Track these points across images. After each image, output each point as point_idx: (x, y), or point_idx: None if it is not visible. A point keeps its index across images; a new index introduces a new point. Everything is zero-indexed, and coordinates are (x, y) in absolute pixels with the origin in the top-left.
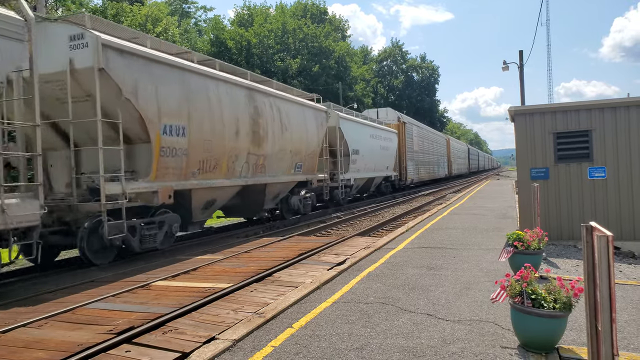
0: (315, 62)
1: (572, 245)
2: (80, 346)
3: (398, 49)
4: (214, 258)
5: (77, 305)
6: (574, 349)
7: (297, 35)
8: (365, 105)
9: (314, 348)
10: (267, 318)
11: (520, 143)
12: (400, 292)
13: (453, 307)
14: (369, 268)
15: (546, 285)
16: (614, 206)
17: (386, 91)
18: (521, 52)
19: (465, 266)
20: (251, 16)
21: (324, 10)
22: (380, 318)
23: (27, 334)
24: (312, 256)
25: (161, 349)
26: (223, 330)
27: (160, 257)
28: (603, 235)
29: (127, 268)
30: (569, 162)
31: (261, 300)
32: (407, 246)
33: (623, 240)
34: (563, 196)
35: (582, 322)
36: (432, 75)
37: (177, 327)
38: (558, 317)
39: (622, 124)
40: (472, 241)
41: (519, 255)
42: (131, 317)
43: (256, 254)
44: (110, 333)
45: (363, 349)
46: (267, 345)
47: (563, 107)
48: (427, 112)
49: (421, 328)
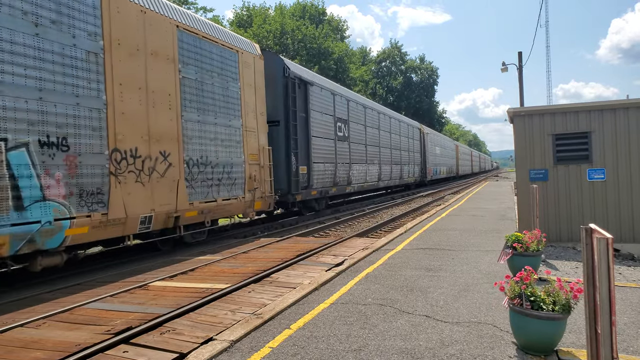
0: (314, 63)
1: (571, 247)
2: (78, 346)
3: (397, 50)
4: (212, 258)
5: (75, 305)
6: (573, 352)
7: (296, 36)
8: None
9: (312, 349)
10: (265, 319)
11: (519, 144)
12: (398, 293)
13: (451, 309)
14: (368, 269)
15: (545, 287)
16: (613, 208)
17: (385, 92)
18: (520, 53)
19: (463, 268)
20: (250, 17)
21: (322, 11)
22: (379, 319)
23: (25, 333)
24: (310, 257)
25: (159, 350)
26: (221, 331)
27: (158, 258)
28: (603, 237)
29: (125, 268)
30: (568, 164)
31: (259, 301)
32: (405, 247)
33: (622, 243)
34: (562, 198)
35: (581, 325)
36: (431, 76)
37: (175, 327)
38: (557, 319)
39: (621, 125)
40: (471, 242)
41: (518, 257)
42: (129, 318)
43: (254, 255)
44: (108, 333)
45: (361, 350)
46: (264, 347)
47: (562, 109)
48: (426, 113)
49: (419, 330)
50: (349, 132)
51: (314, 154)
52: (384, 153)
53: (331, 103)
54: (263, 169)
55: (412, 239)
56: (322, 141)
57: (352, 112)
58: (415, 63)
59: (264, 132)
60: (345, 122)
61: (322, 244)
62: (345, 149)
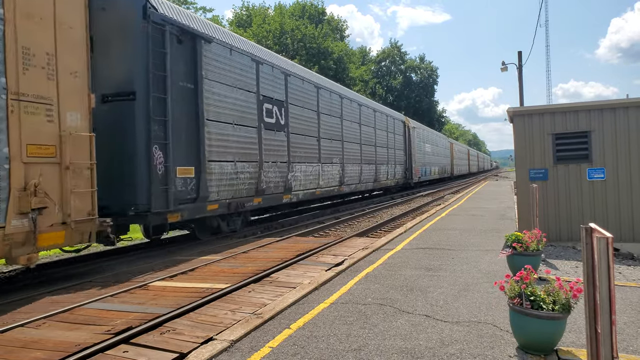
0: (313, 62)
1: (571, 246)
2: (78, 346)
3: (396, 50)
4: (212, 258)
5: (75, 305)
6: (573, 351)
7: (295, 36)
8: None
9: (312, 349)
10: (265, 319)
11: (519, 144)
12: (398, 293)
13: (451, 309)
14: (367, 269)
15: (545, 287)
16: (613, 207)
17: (385, 92)
18: (520, 52)
19: (463, 267)
20: (250, 17)
21: (322, 10)
22: (379, 319)
23: (25, 333)
24: (310, 257)
25: (159, 350)
26: (221, 330)
27: (158, 258)
28: (603, 236)
29: (124, 268)
30: (568, 163)
31: (259, 301)
32: (405, 247)
33: (622, 242)
34: (562, 197)
35: (581, 324)
36: (431, 75)
37: (175, 327)
38: (557, 318)
39: (621, 125)
40: (471, 242)
41: (517, 256)
42: (129, 318)
43: (254, 255)
44: (108, 333)
45: (361, 350)
46: (264, 346)
47: (562, 108)
48: (425, 112)
49: (419, 329)
50: (287, 118)
51: (210, 148)
52: (350, 149)
53: (253, 74)
54: (72, 172)
55: (412, 239)
56: (230, 129)
57: (295, 92)
58: (415, 63)
59: (77, 107)
60: (281, 104)
61: (321, 243)
62: (279, 142)
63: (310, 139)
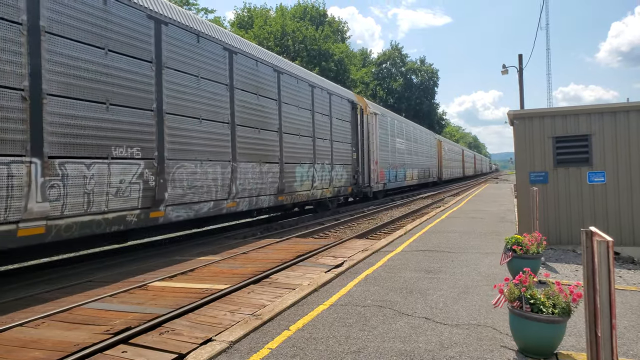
0: (314, 64)
1: (571, 250)
2: (77, 346)
3: (397, 52)
4: (212, 259)
5: (74, 305)
6: (573, 355)
7: (296, 38)
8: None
9: (311, 351)
10: (264, 320)
11: (519, 147)
12: (398, 295)
13: (451, 311)
14: (367, 271)
15: (545, 290)
16: (614, 211)
17: (385, 94)
18: (521, 55)
19: (463, 270)
20: (251, 18)
21: (323, 12)
22: (378, 321)
23: (24, 333)
24: (309, 258)
25: (158, 350)
26: (220, 331)
27: (158, 258)
28: (603, 240)
29: (124, 268)
30: (568, 167)
31: (258, 302)
32: (405, 249)
33: (622, 246)
34: (562, 200)
35: (581, 328)
36: (432, 78)
37: (174, 328)
38: (557, 322)
39: (621, 128)
40: (471, 245)
41: (517, 259)
42: (128, 318)
43: (254, 256)
44: (107, 333)
45: (360, 352)
46: (263, 348)
47: (562, 112)
48: (426, 114)
49: (419, 332)
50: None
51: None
52: (244, 142)
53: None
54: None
55: (412, 241)
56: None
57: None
58: (416, 65)
59: None
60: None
61: (321, 245)
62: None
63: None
